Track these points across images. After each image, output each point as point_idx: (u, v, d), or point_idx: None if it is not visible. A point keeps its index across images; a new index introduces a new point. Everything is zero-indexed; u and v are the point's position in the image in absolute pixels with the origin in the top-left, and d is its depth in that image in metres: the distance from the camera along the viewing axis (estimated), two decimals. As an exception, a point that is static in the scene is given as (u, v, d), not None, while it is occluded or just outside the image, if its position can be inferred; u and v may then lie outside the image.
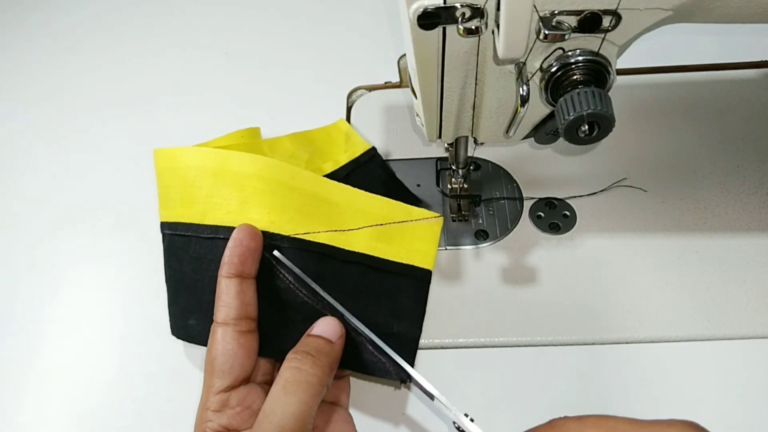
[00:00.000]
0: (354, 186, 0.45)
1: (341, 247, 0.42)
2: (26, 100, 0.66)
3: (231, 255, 0.35)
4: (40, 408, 0.45)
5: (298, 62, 0.66)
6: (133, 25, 0.73)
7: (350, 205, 0.44)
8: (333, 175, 0.49)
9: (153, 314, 0.49)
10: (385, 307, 0.43)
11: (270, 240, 0.39)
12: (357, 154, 0.52)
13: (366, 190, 0.45)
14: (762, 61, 0.58)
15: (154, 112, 0.63)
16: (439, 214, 0.47)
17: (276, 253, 0.38)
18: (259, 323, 0.36)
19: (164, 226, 0.43)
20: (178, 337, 0.42)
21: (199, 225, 0.40)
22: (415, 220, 0.46)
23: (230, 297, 0.34)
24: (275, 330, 0.38)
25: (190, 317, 0.41)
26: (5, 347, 0.49)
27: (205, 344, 0.36)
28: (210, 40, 0.69)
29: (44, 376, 0.47)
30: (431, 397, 0.35)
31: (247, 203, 0.39)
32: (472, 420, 0.33)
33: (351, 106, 0.60)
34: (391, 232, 0.45)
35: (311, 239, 0.40)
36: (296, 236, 0.40)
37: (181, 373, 0.46)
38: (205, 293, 0.39)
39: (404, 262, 0.45)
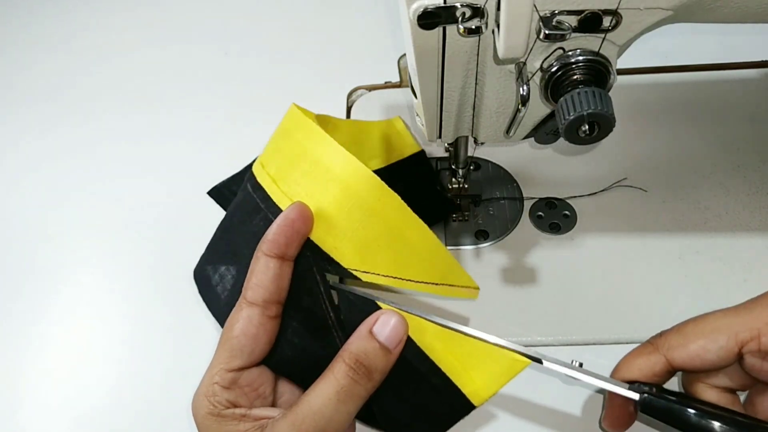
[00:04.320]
0: (394, 188, 0.41)
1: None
2: (26, 100, 0.66)
3: (278, 234, 0.32)
4: (39, 408, 0.45)
5: (298, 62, 0.66)
6: (132, 25, 0.73)
7: (420, 250, 0.36)
8: (377, 174, 0.47)
9: (153, 315, 0.49)
10: (405, 400, 0.36)
11: (325, 263, 0.35)
12: (406, 155, 0.50)
13: (404, 192, 0.41)
14: (762, 61, 0.58)
15: (153, 113, 0.63)
16: (476, 287, 0.38)
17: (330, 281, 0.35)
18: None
19: (251, 177, 0.39)
20: (195, 278, 0.40)
21: (275, 205, 0.36)
22: (454, 285, 0.37)
23: (267, 279, 0.32)
24: (292, 349, 0.35)
25: (214, 269, 0.39)
26: (5, 347, 0.49)
27: (204, 298, 0.36)
28: (210, 41, 0.69)
29: (44, 377, 0.47)
30: (539, 361, 0.34)
31: (320, 214, 0.35)
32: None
33: (351, 106, 0.60)
34: (458, 338, 0.35)
35: (368, 280, 0.35)
36: (352, 270, 0.35)
37: (181, 374, 0.46)
38: (241, 264, 0.37)
39: (451, 378, 0.35)
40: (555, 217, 0.50)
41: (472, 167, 0.52)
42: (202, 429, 0.31)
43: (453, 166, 0.49)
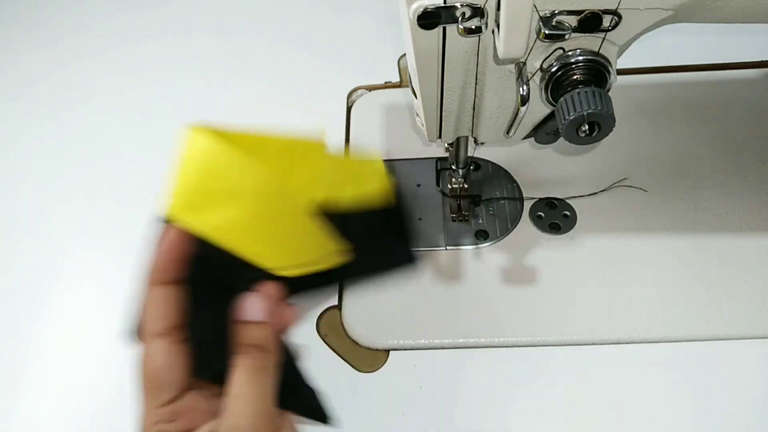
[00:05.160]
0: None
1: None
2: (25, 93, 0.67)
3: (163, 261, 0.32)
4: (38, 408, 0.45)
5: (298, 62, 0.66)
6: (133, 25, 0.73)
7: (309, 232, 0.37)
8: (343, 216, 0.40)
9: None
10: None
11: (245, 271, 0.33)
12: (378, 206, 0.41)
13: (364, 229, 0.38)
14: (762, 61, 0.58)
15: (154, 112, 0.63)
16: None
17: None
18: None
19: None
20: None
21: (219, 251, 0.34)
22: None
23: (163, 307, 0.32)
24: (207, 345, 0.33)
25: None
26: (4, 347, 0.49)
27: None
28: (210, 41, 0.69)
29: (43, 376, 0.47)
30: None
31: (237, 227, 0.34)
32: None
33: (351, 106, 0.60)
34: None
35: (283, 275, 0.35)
36: (272, 270, 0.35)
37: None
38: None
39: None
40: (555, 217, 0.50)
41: (472, 167, 0.52)
42: None
43: (453, 166, 0.49)
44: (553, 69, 0.32)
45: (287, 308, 0.35)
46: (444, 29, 0.32)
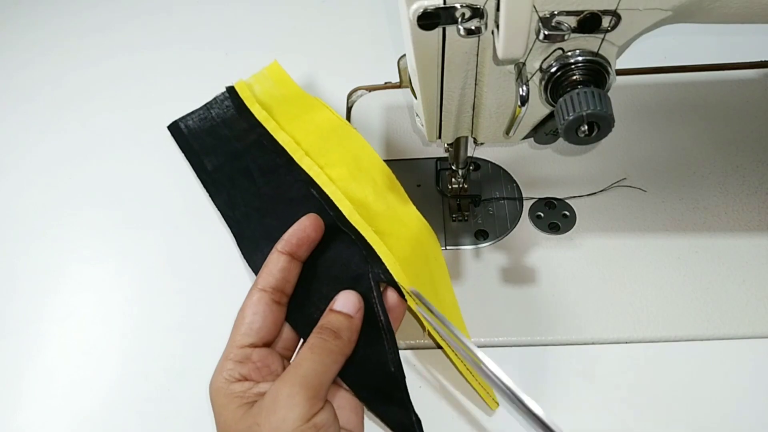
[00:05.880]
0: None
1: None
2: (26, 95, 0.67)
3: (291, 236, 0.38)
4: (39, 408, 0.45)
5: (298, 62, 0.66)
6: (133, 24, 0.73)
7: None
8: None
9: (154, 313, 0.49)
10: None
11: (379, 272, 0.40)
12: None
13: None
14: (762, 61, 0.58)
15: (154, 111, 0.63)
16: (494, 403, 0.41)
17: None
18: (296, 294, 0.39)
19: (238, 101, 0.54)
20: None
21: (282, 147, 0.49)
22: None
23: (276, 269, 0.37)
24: (309, 305, 0.39)
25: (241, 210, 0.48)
26: (5, 346, 0.49)
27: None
28: (210, 40, 0.69)
29: (44, 376, 0.47)
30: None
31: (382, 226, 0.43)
32: None
33: (351, 106, 0.60)
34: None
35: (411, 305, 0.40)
36: (403, 287, 0.40)
37: (183, 373, 0.46)
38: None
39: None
40: (554, 217, 0.50)
41: (471, 167, 0.52)
42: (213, 401, 0.34)
43: (453, 166, 0.49)
44: (553, 69, 0.32)
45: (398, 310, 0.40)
46: (444, 30, 0.32)
